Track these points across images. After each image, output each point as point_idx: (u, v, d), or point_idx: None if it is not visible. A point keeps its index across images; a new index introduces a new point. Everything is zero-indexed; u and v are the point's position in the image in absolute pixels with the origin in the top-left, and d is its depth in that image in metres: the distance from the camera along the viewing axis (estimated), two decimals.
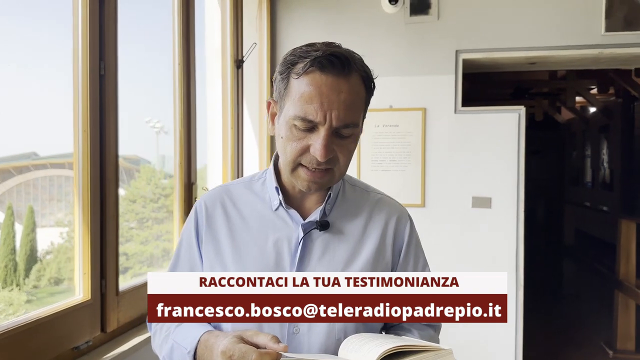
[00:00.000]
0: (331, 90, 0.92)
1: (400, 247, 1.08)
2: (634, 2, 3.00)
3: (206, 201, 1.10)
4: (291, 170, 0.99)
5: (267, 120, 1.07)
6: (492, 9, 3.19)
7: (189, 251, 1.09)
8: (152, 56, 1.73)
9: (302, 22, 3.42)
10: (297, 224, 1.04)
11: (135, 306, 1.87)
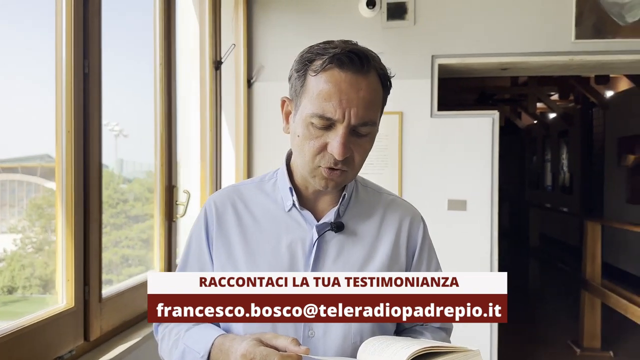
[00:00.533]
0: (350, 87, 0.91)
1: (413, 249, 1.07)
2: (602, 10, 3.11)
3: (216, 201, 1.08)
4: (310, 170, 0.97)
5: (282, 118, 1.05)
6: (467, 15, 3.25)
7: (198, 252, 1.07)
8: (109, 56, 1.68)
9: (279, 24, 3.41)
10: (311, 225, 1.02)
11: (118, 313, 1.82)
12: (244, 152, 3.42)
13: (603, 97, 7.48)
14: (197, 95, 2.78)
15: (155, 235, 2.21)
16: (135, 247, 2.34)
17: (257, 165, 3.46)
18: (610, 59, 3.16)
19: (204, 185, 2.78)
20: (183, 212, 2.32)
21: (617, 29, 3.11)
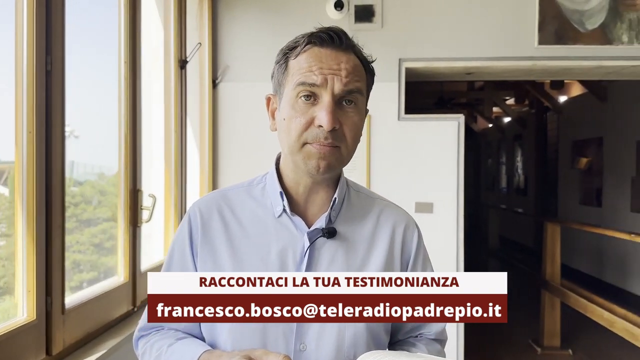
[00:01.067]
0: (331, 59, 0.91)
1: (408, 258, 1.04)
2: (564, 17, 3.19)
3: (200, 207, 1.02)
4: (298, 149, 0.93)
5: (268, 116, 1.01)
6: (434, 20, 3.27)
7: (181, 261, 1.01)
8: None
9: (246, 23, 3.34)
10: (302, 232, 0.98)
11: (82, 325, 1.72)
12: (209, 154, 3.33)
13: (557, 101, 7.73)
14: (160, 95, 2.68)
15: (119, 241, 2.11)
16: (86, 252, 2.24)
17: (222, 168, 3.38)
18: (571, 64, 3.24)
19: (169, 189, 2.69)
20: (149, 217, 2.23)
21: (577, 35, 3.19)
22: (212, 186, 3.36)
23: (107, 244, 2.18)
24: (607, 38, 3.18)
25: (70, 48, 1.63)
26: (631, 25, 3.16)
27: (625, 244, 5.91)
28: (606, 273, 6.44)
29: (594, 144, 6.86)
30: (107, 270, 2.15)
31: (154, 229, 2.64)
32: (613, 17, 3.17)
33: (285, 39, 3.40)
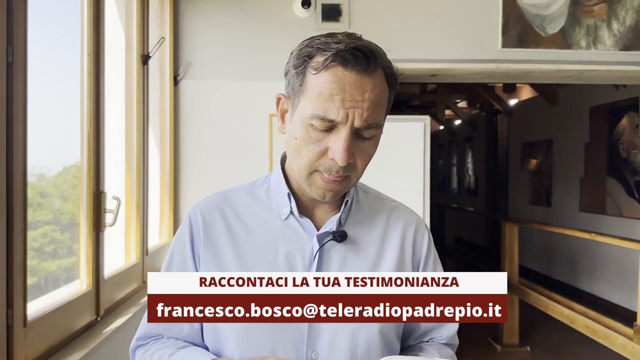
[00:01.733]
0: (355, 88, 0.82)
1: (419, 260, 1.01)
2: (526, 21, 3.26)
3: (202, 210, 0.97)
4: (306, 175, 0.88)
5: (277, 117, 0.94)
6: (400, 22, 3.27)
7: (182, 264, 0.96)
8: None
9: (209, 19, 3.23)
10: (311, 234, 0.93)
11: (44, 338, 1.59)
12: (170, 155, 3.21)
13: (508, 104, 7.96)
14: (121, 92, 2.54)
15: (81, 246, 1.97)
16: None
17: (184, 168, 3.26)
18: (532, 67, 3.31)
19: (130, 191, 2.55)
20: (113, 220, 2.10)
21: (539, 39, 3.27)
22: (173, 189, 3.23)
23: (47, 249, 2.05)
24: (566, 42, 3.27)
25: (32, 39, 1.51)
26: (589, 30, 3.27)
27: (574, 243, 6.14)
28: (555, 271, 6.68)
29: (543, 145, 7.10)
30: (47, 275, 2.02)
31: (113, 233, 2.51)
32: (572, 22, 3.26)
33: (250, 37, 3.32)
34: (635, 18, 3.25)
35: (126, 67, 2.53)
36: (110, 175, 2.50)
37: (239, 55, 3.25)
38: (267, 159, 3.23)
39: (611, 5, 3.26)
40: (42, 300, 1.79)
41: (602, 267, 5.69)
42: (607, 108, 5.63)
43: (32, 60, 1.50)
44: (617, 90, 5.26)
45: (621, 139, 5.43)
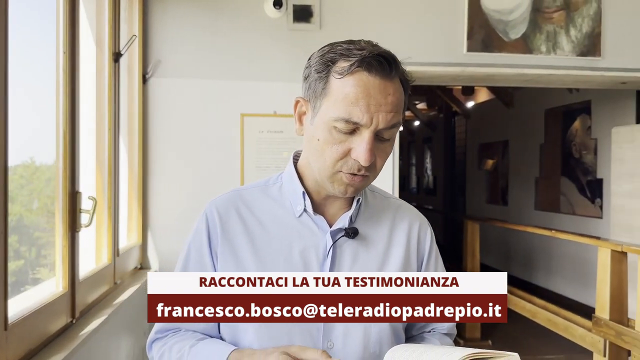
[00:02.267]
0: (379, 92, 0.86)
1: (422, 255, 1.06)
2: (490, 26, 3.38)
3: (218, 207, 1.00)
4: (329, 174, 0.92)
5: (294, 119, 0.96)
6: (370, 24, 3.33)
7: (199, 262, 0.99)
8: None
9: (180, 17, 3.20)
10: (324, 231, 0.97)
11: (23, 342, 1.55)
12: (138, 154, 3.16)
13: (465, 106, 8.18)
14: (91, 90, 2.49)
15: (56, 248, 1.93)
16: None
17: (153, 168, 3.22)
18: (495, 71, 3.44)
19: (101, 191, 2.51)
20: (89, 221, 2.06)
21: (502, 44, 3.40)
22: (142, 189, 3.18)
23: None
24: (528, 47, 3.41)
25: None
26: (548, 36, 3.42)
27: (530, 240, 6.38)
28: (513, 267, 6.92)
29: (500, 146, 7.34)
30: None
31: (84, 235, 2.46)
32: (533, 28, 3.40)
33: (222, 36, 3.32)
34: (591, 25, 3.42)
35: (97, 65, 2.48)
36: (81, 176, 2.45)
37: (209, 54, 3.24)
38: (239, 159, 3.22)
39: (569, 13, 3.42)
40: (24, 303, 1.74)
41: (558, 263, 5.94)
42: (561, 111, 5.88)
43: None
44: (571, 94, 5.50)
45: (574, 140, 5.68)
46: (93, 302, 2.26)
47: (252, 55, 3.25)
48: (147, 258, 3.22)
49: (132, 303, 2.69)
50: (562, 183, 5.94)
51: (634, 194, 3.72)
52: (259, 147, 3.21)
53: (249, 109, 3.24)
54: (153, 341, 1.04)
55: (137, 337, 2.87)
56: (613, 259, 2.67)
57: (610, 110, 4.99)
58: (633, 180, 3.73)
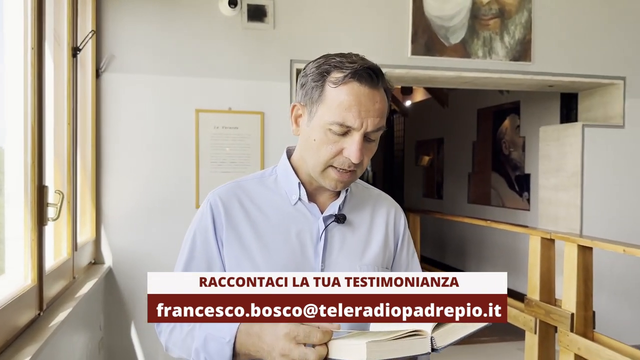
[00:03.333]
0: (368, 100, 1.00)
1: (398, 237, 1.20)
2: (432, 31, 3.61)
3: (221, 196, 1.10)
4: (321, 170, 1.04)
5: (291, 121, 1.09)
6: (322, 25, 3.47)
7: (205, 247, 1.07)
8: None
9: (134, 12, 3.22)
10: (316, 217, 1.10)
11: (4, 329, 1.58)
12: (91, 149, 3.14)
13: (404, 105, 8.52)
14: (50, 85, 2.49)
15: (25, 242, 1.94)
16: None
17: (107, 163, 3.22)
18: (437, 74, 3.68)
19: (60, 185, 2.51)
20: (57, 214, 2.08)
21: (443, 48, 3.64)
22: (95, 185, 3.18)
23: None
24: (466, 52, 3.68)
25: None
26: (485, 42, 3.70)
27: (463, 231, 6.78)
28: (447, 257, 7.31)
29: (435, 144, 7.71)
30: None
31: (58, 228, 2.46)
32: (471, 34, 3.67)
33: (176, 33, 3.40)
34: (522, 32, 3.74)
35: (55, 59, 2.48)
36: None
37: (164, 50, 3.27)
38: (194, 154, 3.28)
39: (503, 20, 3.71)
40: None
41: (489, 252, 6.36)
42: (492, 110, 6.28)
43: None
44: (502, 95, 5.90)
45: (504, 138, 6.10)
46: (56, 295, 2.28)
47: (207, 52, 3.31)
48: (100, 253, 3.22)
49: (90, 298, 2.71)
50: (493, 178, 6.35)
51: (559, 188, 4.09)
52: (214, 142, 3.28)
53: (204, 105, 3.31)
54: None
55: (94, 331, 2.88)
56: (542, 246, 2.97)
57: (538, 110, 5.41)
58: (558, 175, 4.10)
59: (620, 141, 4.04)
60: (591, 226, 3.92)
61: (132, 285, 3.24)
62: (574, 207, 3.96)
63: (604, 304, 3.93)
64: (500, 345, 4.05)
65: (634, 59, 4.02)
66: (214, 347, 0.95)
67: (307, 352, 0.84)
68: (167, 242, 3.25)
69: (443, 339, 0.86)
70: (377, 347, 0.81)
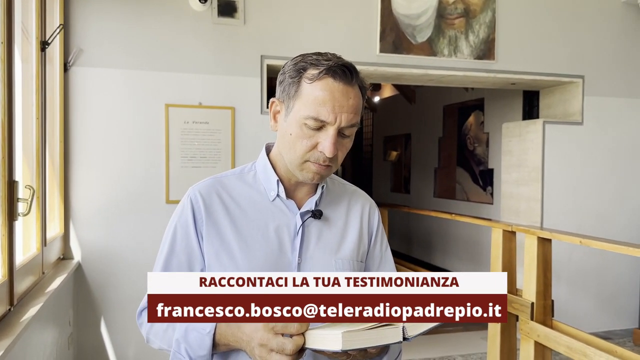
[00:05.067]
0: (342, 95, 1.03)
1: (372, 231, 1.24)
2: (400, 29, 3.69)
3: (201, 191, 1.12)
4: (299, 164, 1.07)
5: (270, 117, 1.12)
6: (292, 22, 3.51)
7: (185, 241, 1.09)
8: None
9: (102, 5, 3.19)
10: (294, 213, 1.13)
11: None
12: (59, 143, 3.11)
13: (372, 101, 8.61)
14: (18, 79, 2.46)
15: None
16: None
17: (75, 158, 3.19)
18: (404, 71, 3.77)
19: (29, 180, 2.49)
20: (27, 209, 2.08)
21: (410, 46, 3.73)
22: (63, 179, 3.15)
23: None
24: (432, 50, 3.78)
25: None
26: (450, 41, 3.80)
27: (430, 224, 6.93)
28: (414, 250, 7.46)
29: (403, 139, 7.84)
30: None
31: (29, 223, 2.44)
32: (437, 33, 3.77)
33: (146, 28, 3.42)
34: (486, 32, 3.85)
35: (23, 53, 2.45)
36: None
37: (134, 45, 3.25)
38: (164, 149, 3.28)
39: (468, 20, 3.82)
40: None
41: (454, 245, 6.52)
42: (457, 107, 6.43)
43: None
44: (467, 92, 6.04)
45: (469, 134, 6.25)
46: (26, 290, 2.27)
47: (177, 47, 3.31)
48: (69, 248, 3.20)
49: (60, 293, 2.70)
50: (458, 173, 6.51)
51: (520, 182, 4.24)
52: (184, 137, 3.29)
53: (174, 99, 3.31)
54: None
55: (63, 326, 2.87)
56: (504, 238, 3.08)
57: (501, 107, 5.57)
58: (519, 170, 4.25)
59: (579, 137, 4.22)
60: (551, 219, 4.08)
61: (102, 280, 3.23)
62: (534, 200, 4.12)
63: (563, 293, 4.11)
64: (464, 334, 4.19)
65: (593, 59, 4.20)
66: (194, 338, 0.98)
67: (284, 342, 0.87)
68: (137, 237, 3.25)
69: (414, 328, 0.87)
70: (351, 337, 0.84)
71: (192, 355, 1.00)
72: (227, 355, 1.05)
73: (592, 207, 4.28)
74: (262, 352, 0.90)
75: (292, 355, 0.87)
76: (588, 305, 4.30)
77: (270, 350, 0.89)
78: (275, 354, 0.88)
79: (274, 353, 0.88)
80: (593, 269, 4.27)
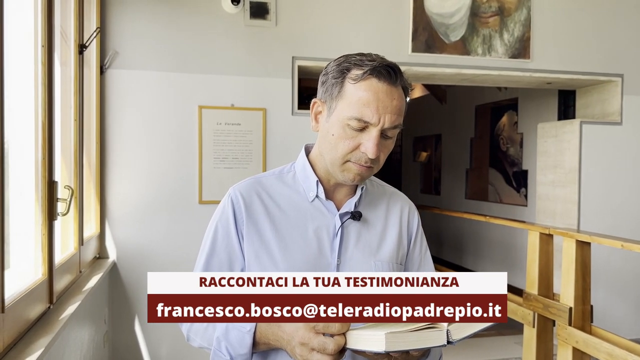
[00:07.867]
0: (386, 96, 1.02)
1: (411, 234, 1.23)
2: (433, 29, 3.65)
3: (241, 192, 1.12)
4: (340, 164, 1.06)
5: (311, 118, 1.12)
6: (324, 23, 3.51)
7: (226, 240, 1.10)
8: None
9: (137, 9, 3.24)
10: (333, 214, 1.12)
11: (16, 324, 1.62)
12: (96, 144, 3.17)
13: None
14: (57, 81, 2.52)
15: (37, 237, 1.98)
16: None
17: (111, 159, 3.25)
18: (437, 71, 3.72)
19: (67, 180, 2.54)
20: (66, 209, 2.12)
21: (443, 46, 3.68)
22: (99, 180, 3.21)
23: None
24: (466, 49, 3.72)
25: None
26: (484, 39, 3.74)
27: (461, 226, 6.84)
28: (444, 252, 7.37)
29: (433, 140, 7.76)
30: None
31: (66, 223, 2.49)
32: (471, 31, 3.71)
33: (180, 30, 3.44)
34: (521, 30, 3.78)
35: (62, 57, 2.51)
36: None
37: (167, 47, 3.29)
38: (197, 150, 3.31)
39: (503, 18, 3.75)
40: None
41: (486, 247, 6.42)
42: (490, 107, 6.32)
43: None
44: (500, 92, 5.94)
45: (502, 134, 6.15)
46: (64, 289, 2.32)
47: (210, 49, 3.34)
48: (105, 248, 3.26)
49: (96, 292, 2.74)
50: (491, 174, 6.40)
51: (556, 184, 4.14)
52: (216, 138, 3.32)
53: (207, 101, 3.34)
54: None
55: (99, 324, 2.92)
56: (541, 241, 3.02)
57: (535, 107, 5.46)
58: (555, 172, 4.15)
59: (618, 138, 4.10)
60: (588, 222, 3.98)
61: (136, 279, 3.28)
62: (571, 202, 4.01)
63: (602, 298, 3.99)
64: (498, 339, 4.11)
65: (632, 57, 4.07)
66: (234, 336, 0.99)
67: (326, 342, 0.87)
68: (170, 237, 3.29)
69: (458, 332, 0.87)
70: (395, 338, 0.83)
71: (232, 353, 1.00)
72: (267, 354, 1.05)
73: (630, 210, 4.14)
74: (303, 351, 0.90)
75: (333, 355, 0.87)
76: (628, 310, 4.16)
77: (312, 350, 0.89)
78: (317, 353, 0.88)
79: (315, 352, 0.88)
80: (634, 273, 4.14)
